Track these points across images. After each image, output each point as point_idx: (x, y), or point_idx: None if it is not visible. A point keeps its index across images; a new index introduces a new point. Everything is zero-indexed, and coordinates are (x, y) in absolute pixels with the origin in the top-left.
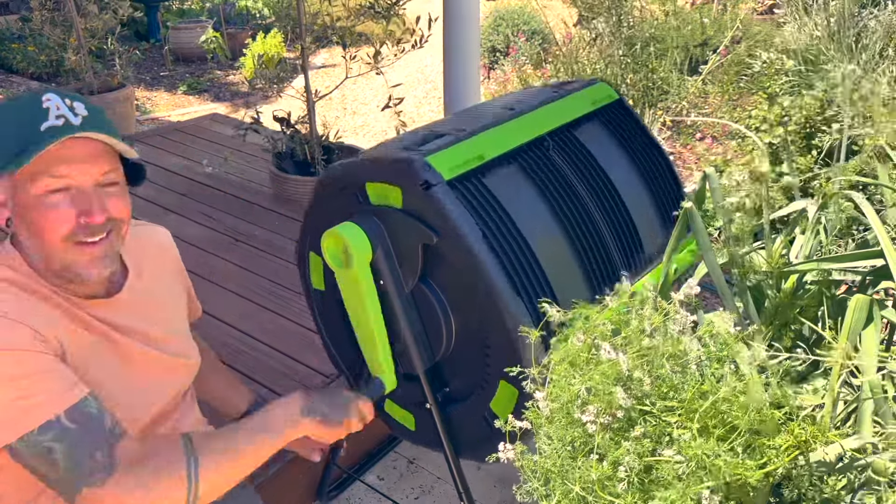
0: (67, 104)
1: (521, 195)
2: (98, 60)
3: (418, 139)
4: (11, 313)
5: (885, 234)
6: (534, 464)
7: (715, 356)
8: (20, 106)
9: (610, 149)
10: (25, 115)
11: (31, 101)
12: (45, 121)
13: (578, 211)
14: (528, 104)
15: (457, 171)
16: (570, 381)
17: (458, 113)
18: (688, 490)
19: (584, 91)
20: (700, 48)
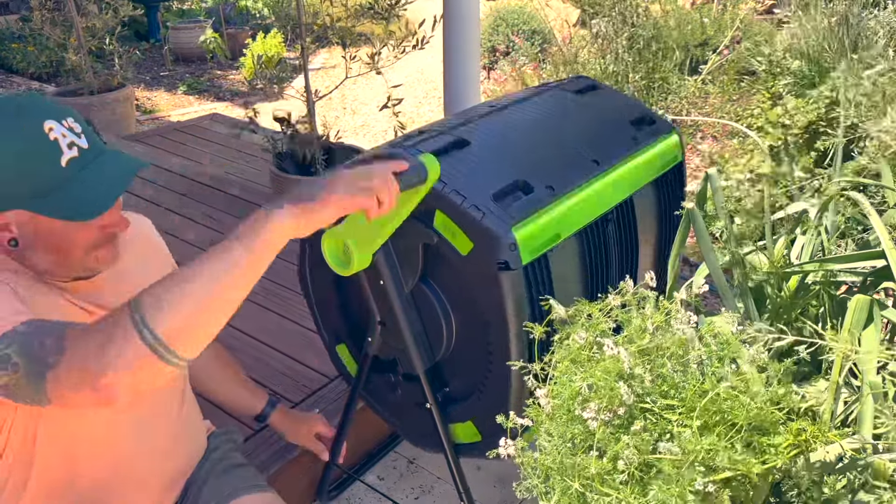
0: (66, 125)
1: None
2: (98, 60)
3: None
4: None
5: (886, 234)
6: (534, 461)
7: (716, 355)
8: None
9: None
10: (34, 147)
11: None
12: (60, 154)
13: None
14: (609, 152)
15: (534, 255)
16: (572, 378)
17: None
18: (686, 482)
19: (660, 146)
20: (700, 48)
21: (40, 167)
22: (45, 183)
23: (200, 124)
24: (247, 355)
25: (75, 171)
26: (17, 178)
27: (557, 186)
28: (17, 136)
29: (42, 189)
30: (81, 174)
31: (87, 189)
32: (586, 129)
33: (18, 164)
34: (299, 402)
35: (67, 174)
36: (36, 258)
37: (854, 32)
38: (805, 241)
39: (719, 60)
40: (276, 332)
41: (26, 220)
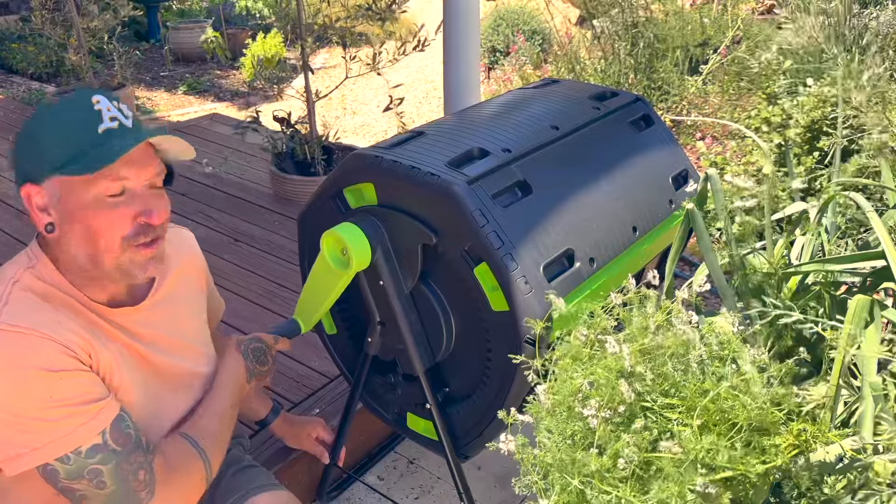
0: (115, 105)
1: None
2: (98, 60)
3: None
4: (41, 325)
5: (886, 234)
6: (534, 457)
7: (716, 355)
8: (70, 106)
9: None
10: (78, 116)
11: (81, 101)
12: (99, 123)
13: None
14: (647, 218)
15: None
16: (572, 376)
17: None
18: (686, 481)
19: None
20: (700, 48)
21: (78, 131)
22: (78, 148)
23: (200, 124)
24: None
25: (109, 138)
26: (57, 142)
27: (598, 258)
28: (67, 105)
29: (73, 154)
30: (116, 139)
31: (108, 148)
32: (632, 187)
33: (61, 128)
34: (299, 402)
35: (100, 140)
36: (72, 250)
37: (853, 33)
38: (805, 241)
39: (719, 61)
40: None
41: (60, 192)
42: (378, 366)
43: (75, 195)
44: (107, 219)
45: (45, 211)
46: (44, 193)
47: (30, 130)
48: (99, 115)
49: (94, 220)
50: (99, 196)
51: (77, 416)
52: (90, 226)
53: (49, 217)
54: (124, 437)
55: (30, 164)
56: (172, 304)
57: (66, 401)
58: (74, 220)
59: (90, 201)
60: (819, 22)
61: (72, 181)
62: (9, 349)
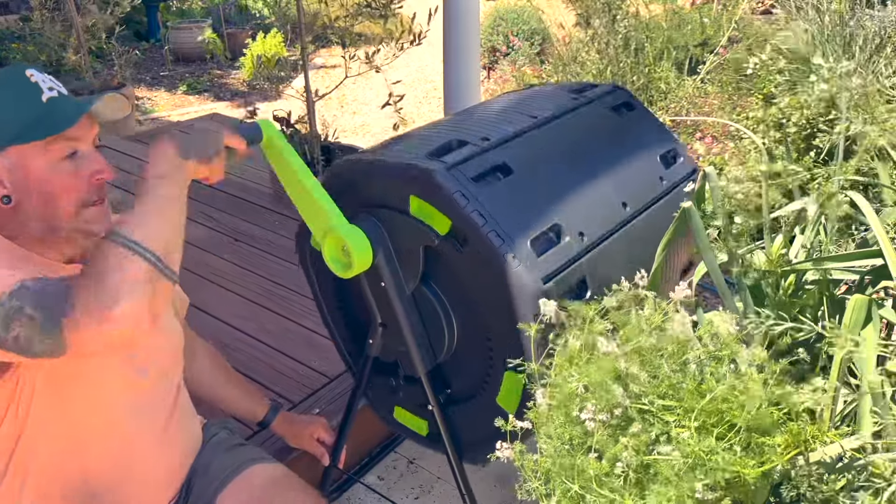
0: (49, 77)
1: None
2: (98, 60)
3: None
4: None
5: (883, 233)
6: (534, 463)
7: (714, 355)
8: (7, 82)
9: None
10: (19, 90)
11: (16, 76)
12: (41, 93)
13: None
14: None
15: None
16: (567, 379)
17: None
18: (685, 486)
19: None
20: (700, 48)
21: (23, 103)
22: (29, 117)
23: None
24: (247, 355)
25: (55, 106)
26: (5, 116)
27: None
28: (4, 81)
29: (26, 123)
30: (61, 105)
31: (63, 111)
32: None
33: (5, 102)
34: (299, 402)
35: (47, 108)
36: (29, 217)
37: (850, 31)
38: (803, 239)
39: (717, 60)
40: (276, 332)
41: (14, 163)
42: (379, 367)
43: (31, 162)
44: (64, 182)
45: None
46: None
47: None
48: (37, 86)
49: (52, 185)
50: (53, 160)
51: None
52: (49, 191)
53: (4, 189)
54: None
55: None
56: None
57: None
58: (31, 188)
59: (46, 166)
60: (818, 22)
61: (26, 149)
62: None
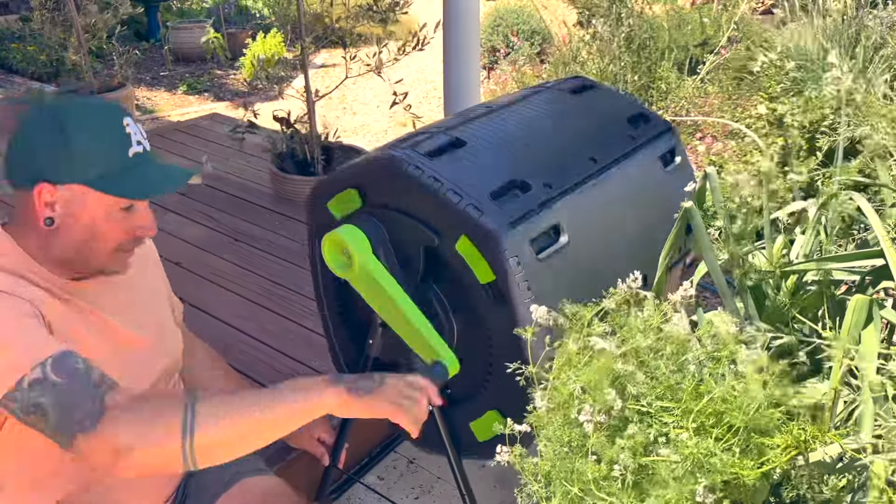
0: (140, 128)
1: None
2: (98, 60)
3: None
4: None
5: (884, 233)
6: (534, 466)
7: (713, 356)
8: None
9: None
10: (112, 134)
11: (113, 117)
12: (129, 146)
13: None
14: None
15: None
16: (565, 382)
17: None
18: (684, 488)
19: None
20: (700, 48)
21: (112, 151)
22: (112, 166)
23: (200, 124)
24: (247, 355)
25: (138, 163)
26: (91, 156)
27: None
28: (100, 115)
29: (107, 171)
30: (143, 166)
31: (147, 176)
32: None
33: (97, 143)
34: None
35: (131, 163)
36: (62, 243)
37: (852, 32)
38: (804, 240)
39: (717, 60)
40: (277, 333)
41: (77, 198)
42: (379, 368)
43: (91, 204)
44: (112, 228)
45: (50, 206)
46: (57, 193)
47: (58, 127)
48: (129, 138)
49: (100, 230)
50: (112, 210)
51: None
52: (94, 231)
53: (52, 212)
54: (68, 371)
55: (54, 164)
56: (134, 280)
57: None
58: (79, 222)
59: (103, 214)
60: (819, 22)
61: (91, 193)
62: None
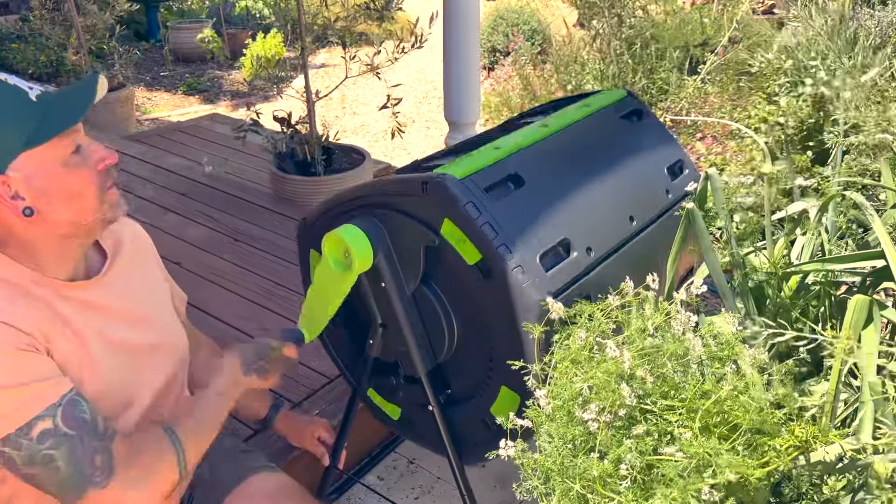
0: (16, 77)
1: None
2: (98, 60)
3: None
4: None
5: (886, 234)
6: (534, 462)
7: (716, 356)
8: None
9: None
10: (3, 95)
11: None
12: (26, 93)
13: None
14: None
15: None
16: (572, 380)
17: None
18: (689, 487)
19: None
20: (700, 48)
21: (15, 107)
22: (27, 119)
23: (200, 124)
24: None
25: (47, 102)
26: (4, 127)
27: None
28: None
29: (27, 125)
30: (54, 102)
31: (60, 105)
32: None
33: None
34: (299, 402)
35: (43, 106)
36: (53, 222)
37: (851, 32)
38: (805, 241)
39: (717, 60)
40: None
41: (31, 171)
42: (380, 367)
43: (46, 166)
44: (81, 176)
45: (17, 198)
46: (10, 181)
47: None
48: (18, 88)
49: (71, 182)
50: (64, 158)
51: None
52: (70, 189)
53: (23, 202)
54: (77, 421)
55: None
56: (129, 274)
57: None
58: (52, 191)
59: (59, 167)
60: (821, 21)
61: (37, 154)
62: None
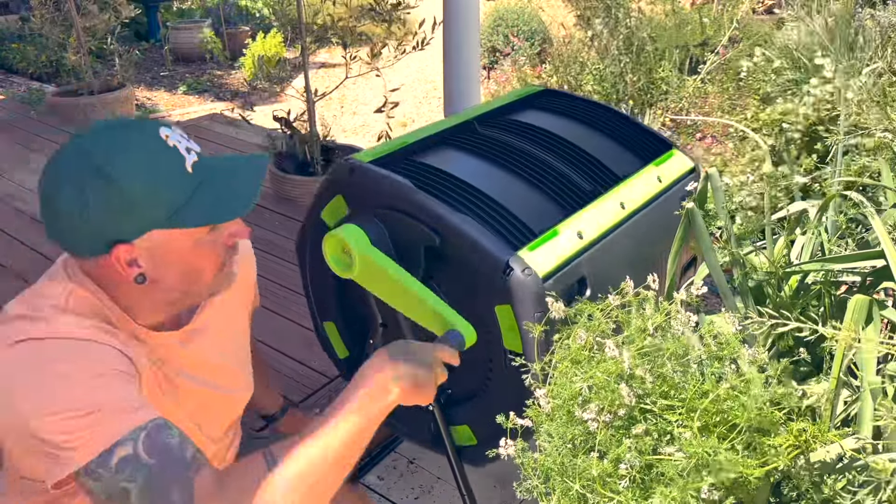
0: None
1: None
2: (98, 60)
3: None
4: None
5: (886, 234)
6: (534, 461)
7: (715, 355)
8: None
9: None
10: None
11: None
12: (182, 160)
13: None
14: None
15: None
16: (572, 379)
17: None
18: (688, 487)
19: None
20: (700, 48)
21: (169, 177)
22: (177, 193)
23: (200, 124)
24: None
25: (203, 175)
26: (150, 195)
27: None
28: (141, 148)
29: (176, 201)
30: (210, 177)
31: (222, 188)
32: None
33: (148, 177)
34: (299, 402)
35: (195, 179)
36: (162, 292)
37: (852, 31)
38: (805, 241)
39: (717, 60)
40: (277, 333)
41: (160, 245)
42: None
43: (174, 244)
44: (205, 254)
45: (133, 264)
46: (133, 250)
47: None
48: (176, 151)
49: (194, 260)
50: (199, 237)
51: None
52: (192, 267)
53: (139, 269)
54: (159, 448)
55: (116, 222)
56: (215, 323)
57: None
58: (171, 265)
59: (190, 245)
60: (822, 21)
61: (173, 232)
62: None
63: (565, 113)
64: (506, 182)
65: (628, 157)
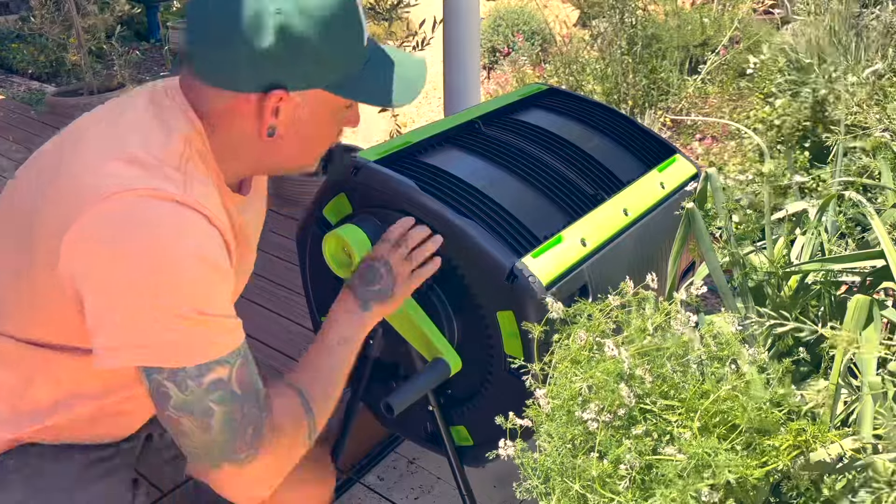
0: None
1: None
2: (98, 60)
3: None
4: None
5: (886, 234)
6: (534, 462)
7: (715, 356)
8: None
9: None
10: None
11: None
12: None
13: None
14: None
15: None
16: (571, 379)
17: None
18: (688, 487)
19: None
20: (700, 48)
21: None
22: (355, 63)
23: None
24: None
25: (371, 54)
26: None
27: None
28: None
29: (351, 69)
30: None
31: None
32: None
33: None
34: None
35: (366, 55)
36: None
37: (854, 32)
38: (805, 241)
39: (717, 60)
40: (277, 333)
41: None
42: (380, 368)
43: (319, 107)
44: (331, 131)
45: (276, 114)
46: (285, 102)
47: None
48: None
49: (323, 131)
50: (339, 108)
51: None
52: (317, 135)
53: (275, 120)
54: (248, 382)
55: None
56: (254, 201)
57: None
58: (303, 127)
59: (328, 114)
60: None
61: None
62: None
63: (569, 114)
64: (510, 185)
65: (632, 161)
